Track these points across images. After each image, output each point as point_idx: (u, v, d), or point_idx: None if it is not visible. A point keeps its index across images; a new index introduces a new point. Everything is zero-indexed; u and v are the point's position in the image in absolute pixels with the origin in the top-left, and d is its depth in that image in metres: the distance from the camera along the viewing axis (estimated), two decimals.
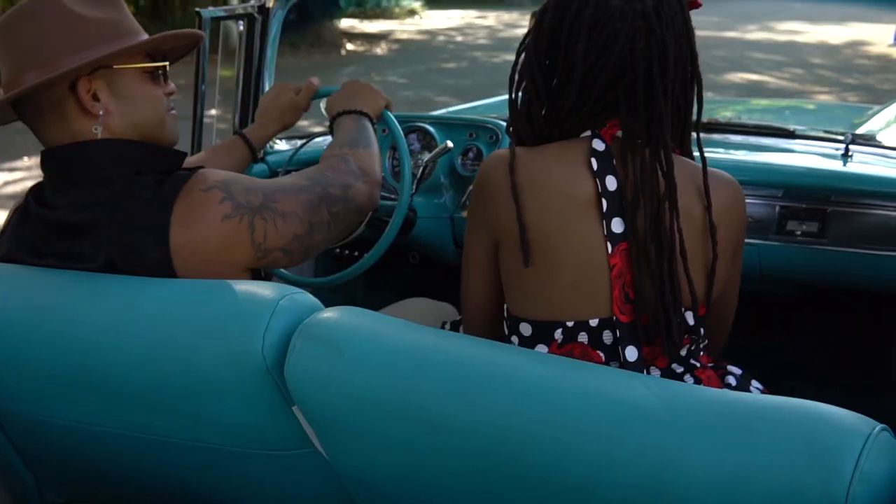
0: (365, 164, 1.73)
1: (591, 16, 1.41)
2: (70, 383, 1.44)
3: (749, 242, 2.23)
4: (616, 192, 1.43)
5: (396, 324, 1.33)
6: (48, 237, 1.51)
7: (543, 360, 1.26)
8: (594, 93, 1.44)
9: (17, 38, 1.50)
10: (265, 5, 2.50)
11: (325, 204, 1.58)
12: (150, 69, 1.56)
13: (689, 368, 1.50)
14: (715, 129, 2.63)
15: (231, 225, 1.45)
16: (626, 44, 1.41)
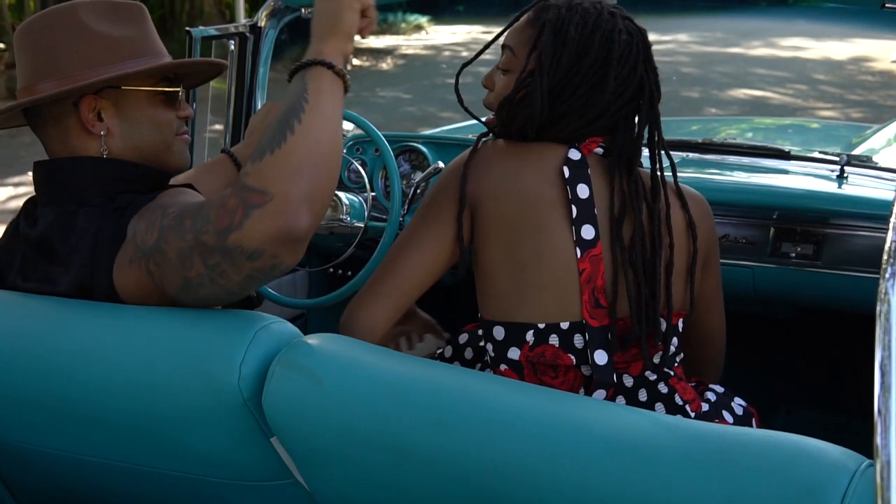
0: (274, 175, 1.24)
1: (626, 41, 1.50)
2: (49, 412, 1.42)
3: (743, 264, 2.23)
4: (587, 200, 1.48)
5: (376, 352, 1.31)
6: (30, 255, 1.50)
7: (523, 390, 1.24)
8: (610, 110, 1.51)
9: (32, 46, 1.50)
10: (257, 24, 2.49)
11: (199, 255, 1.29)
12: (162, 91, 1.54)
13: (662, 376, 1.53)
14: (710, 150, 2.61)
15: (135, 270, 1.38)
16: (642, 71, 1.51)
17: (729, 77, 12.31)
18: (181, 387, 1.29)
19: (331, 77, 1.33)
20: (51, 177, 1.50)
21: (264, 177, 1.24)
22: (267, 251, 1.24)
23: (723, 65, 13.40)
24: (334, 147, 1.30)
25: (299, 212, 1.23)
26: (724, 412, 1.60)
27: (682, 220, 1.54)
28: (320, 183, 1.26)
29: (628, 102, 1.52)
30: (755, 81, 12.21)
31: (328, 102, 1.31)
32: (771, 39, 15.73)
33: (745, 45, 15.38)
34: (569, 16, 1.50)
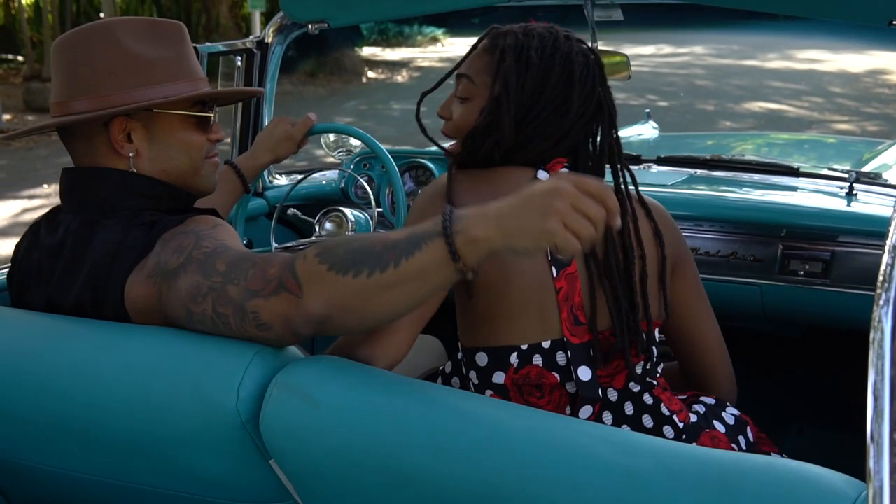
0: (320, 287, 1.22)
1: (583, 62, 1.52)
2: (48, 429, 1.41)
3: (752, 282, 2.22)
4: None
5: (374, 375, 1.30)
6: (47, 260, 1.50)
7: (522, 414, 1.22)
8: (574, 130, 1.52)
9: (68, 63, 1.50)
10: (264, 41, 2.50)
11: (214, 299, 1.29)
12: (194, 116, 1.54)
13: (646, 387, 1.53)
14: (719, 166, 2.60)
15: (148, 286, 1.38)
16: (600, 90, 1.53)
17: (744, 90, 12.29)
18: (180, 408, 1.28)
19: (446, 260, 1.17)
20: (77, 185, 1.51)
21: (312, 280, 1.23)
22: (275, 329, 1.27)
23: (738, 77, 13.39)
24: (387, 316, 1.26)
25: (310, 324, 1.25)
26: (714, 422, 1.60)
27: (648, 229, 1.55)
28: (346, 326, 1.27)
29: (589, 121, 1.53)
30: (771, 94, 12.18)
31: (422, 281, 1.20)
32: (787, 52, 15.71)
33: (761, 57, 15.36)
34: (527, 41, 1.51)
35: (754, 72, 14.05)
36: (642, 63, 15.14)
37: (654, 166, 2.68)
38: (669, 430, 1.52)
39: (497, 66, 1.51)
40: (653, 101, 11.44)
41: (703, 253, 2.27)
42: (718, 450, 1.16)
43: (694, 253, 2.27)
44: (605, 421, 1.50)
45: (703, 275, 2.24)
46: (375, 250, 1.21)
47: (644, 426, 1.51)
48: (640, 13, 2.36)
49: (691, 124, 9.89)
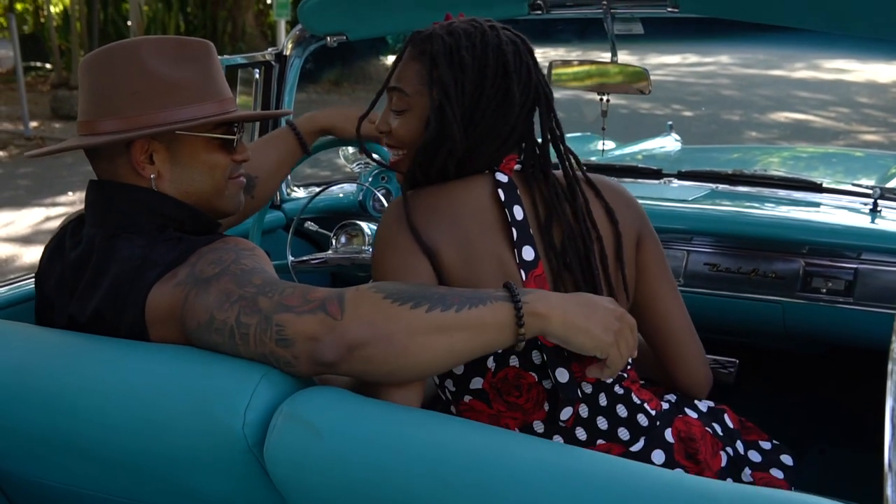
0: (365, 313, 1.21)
1: (514, 50, 1.48)
2: (56, 446, 1.41)
3: (773, 300, 2.18)
4: (523, 220, 1.47)
5: (379, 406, 1.27)
6: (69, 272, 1.50)
7: (530, 445, 1.20)
8: (519, 122, 1.49)
9: (93, 83, 1.49)
10: (282, 53, 2.49)
11: (242, 307, 1.28)
12: (218, 138, 1.53)
13: (617, 379, 1.51)
14: (741, 181, 2.57)
15: (176, 293, 1.37)
16: (536, 76, 1.50)
17: (770, 100, 12.21)
18: (186, 428, 1.27)
19: (509, 322, 1.25)
20: (100, 199, 1.50)
21: (361, 304, 1.22)
22: (296, 347, 1.23)
23: (764, 87, 13.31)
24: (425, 362, 1.23)
25: (340, 349, 1.21)
26: (686, 408, 1.58)
27: (600, 208, 1.53)
28: (376, 362, 1.22)
29: (531, 110, 1.51)
30: (797, 104, 12.10)
31: (477, 334, 1.24)
32: (814, 62, 15.61)
33: (787, 67, 15.27)
34: (455, 41, 1.47)
35: (781, 82, 13.96)
36: (667, 73, 15.09)
37: (674, 181, 2.65)
38: (643, 419, 1.51)
39: (430, 74, 1.47)
40: (678, 110, 11.39)
41: (723, 269, 2.24)
42: (720, 481, 1.13)
43: (714, 269, 2.25)
44: (582, 414, 1.48)
45: (723, 292, 2.24)
46: (440, 291, 1.25)
47: (619, 415, 1.49)
48: (664, 23, 2.33)
49: (716, 135, 9.83)
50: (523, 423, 1.48)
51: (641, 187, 2.57)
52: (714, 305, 2.25)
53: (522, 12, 2.24)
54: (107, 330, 1.43)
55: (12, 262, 5.96)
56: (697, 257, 2.27)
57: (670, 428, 1.52)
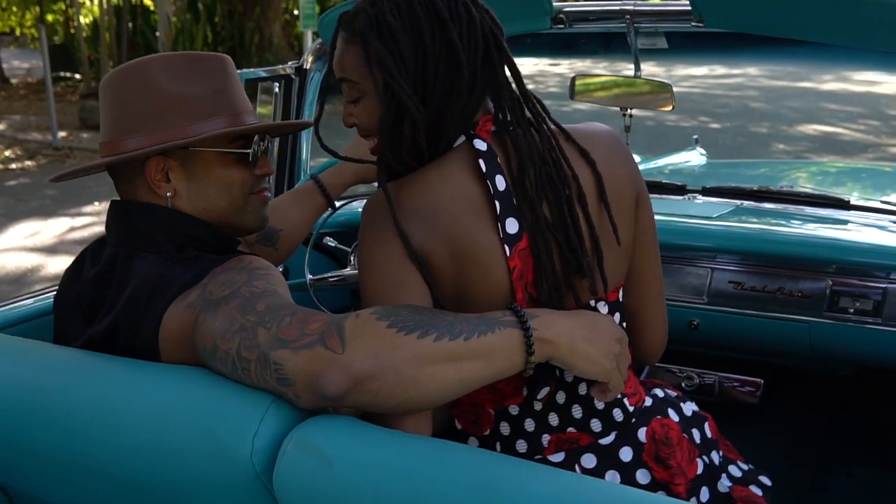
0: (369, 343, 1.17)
1: (444, 2, 1.36)
2: (66, 466, 1.39)
3: (799, 319, 2.14)
4: (506, 191, 1.36)
5: (391, 435, 1.25)
6: (86, 292, 1.49)
7: (548, 478, 1.17)
8: (477, 71, 1.37)
9: (108, 103, 1.50)
10: (303, 66, 2.48)
11: (241, 339, 1.24)
12: (233, 152, 1.50)
13: None
14: (766, 198, 2.53)
15: (187, 314, 1.35)
16: (479, 14, 1.38)
17: (799, 112, 12.12)
18: (195, 454, 1.25)
19: (518, 349, 1.23)
20: (121, 219, 1.50)
21: (363, 335, 1.17)
22: (297, 386, 1.19)
23: (793, 99, 13.21)
24: (434, 393, 1.19)
25: (345, 383, 1.16)
26: (669, 410, 1.53)
27: (576, 155, 1.42)
28: (383, 394, 1.17)
29: (486, 54, 1.37)
30: (826, 117, 12.00)
31: (486, 363, 1.21)
32: (843, 74, 15.48)
33: (816, 79, 15.15)
34: (377, 9, 1.36)
35: (809, 94, 13.85)
36: (694, 84, 15.01)
37: (699, 197, 2.61)
38: (619, 413, 1.47)
39: (365, 53, 1.36)
40: (704, 123, 11.33)
41: (748, 288, 2.20)
42: None
43: (739, 287, 2.20)
44: (559, 400, 1.43)
45: (748, 311, 2.19)
46: (447, 318, 1.20)
47: (595, 406, 1.45)
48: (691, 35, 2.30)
49: (744, 147, 9.76)
50: (500, 406, 1.44)
51: (665, 203, 2.54)
52: (739, 325, 2.21)
53: (544, 26, 2.22)
54: (121, 347, 1.42)
55: (37, 272, 5.99)
56: (722, 275, 2.23)
57: (646, 427, 1.48)
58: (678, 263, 2.27)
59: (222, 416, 1.24)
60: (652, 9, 2.20)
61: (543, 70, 17.64)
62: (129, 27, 16.85)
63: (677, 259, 2.27)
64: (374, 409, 1.20)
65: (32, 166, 10.23)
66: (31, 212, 7.75)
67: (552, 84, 16.02)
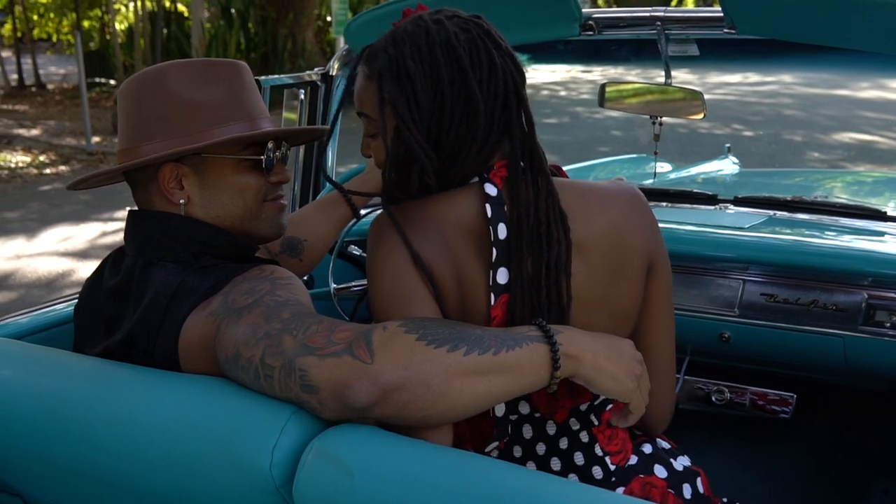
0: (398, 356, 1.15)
1: (467, 39, 1.34)
2: (85, 477, 1.39)
3: (833, 333, 2.09)
4: (505, 241, 1.34)
5: (413, 445, 1.22)
6: (105, 302, 1.49)
7: (568, 489, 1.14)
8: (494, 118, 1.34)
9: (125, 111, 1.50)
10: (328, 73, 2.46)
11: (265, 346, 1.22)
12: (247, 159, 1.49)
13: (586, 425, 1.43)
14: (799, 208, 2.47)
15: (209, 323, 1.34)
16: (502, 61, 1.35)
17: (834, 120, 11.99)
18: (213, 465, 1.23)
19: (545, 364, 1.22)
20: (138, 228, 1.49)
21: (392, 347, 1.16)
22: (322, 394, 1.17)
23: (828, 107, 13.07)
24: (462, 406, 1.18)
25: (374, 394, 1.14)
26: (656, 465, 1.48)
27: (589, 233, 1.37)
28: (412, 407, 1.15)
29: (505, 98, 1.35)
30: (862, 125, 11.87)
31: (514, 377, 1.20)
32: (880, 81, 15.33)
33: (852, 86, 15.02)
34: (398, 51, 1.33)
35: (845, 101, 13.71)
36: (728, 92, 14.91)
37: (730, 207, 2.56)
38: (598, 471, 1.43)
39: (379, 94, 1.35)
40: (738, 130, 11.24)
41: (781, 300, 2.15)
42: None
43: (771, 299, 2.15)
44: (539, 451, 1.41)
45: (780, 324, 2.14)
46: (476, 333, 1.19)
47: (575, 463, 1.42)
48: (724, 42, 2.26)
49: (778, 155, 9.67)
50: (480, 447, 1.41)
51: (696, 213, 2.50)
52: (771, 338, 2.16)
53: (574, 33, 2.18)
54: (139, 356, 1.41)
55: (68, 277, 6.03)
56: (754, 287, 2.18)
57: (624, 488, 1.44)
58: (709, 275, 2.23)
59: (241, 428, 1.23)
60: (683, 15, 2.16)
61: (576, 77, 17.62)
62: (164, 33, 16.99)
63: (708, 270, 2.23)
64: (398, 421, 1.18)
65: (66, 171, 10.32)
66: (63, 216, 7.81)
67: (584, 91, 15.98)
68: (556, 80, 17.43)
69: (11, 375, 1.49)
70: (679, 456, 1.56)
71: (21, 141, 11.92)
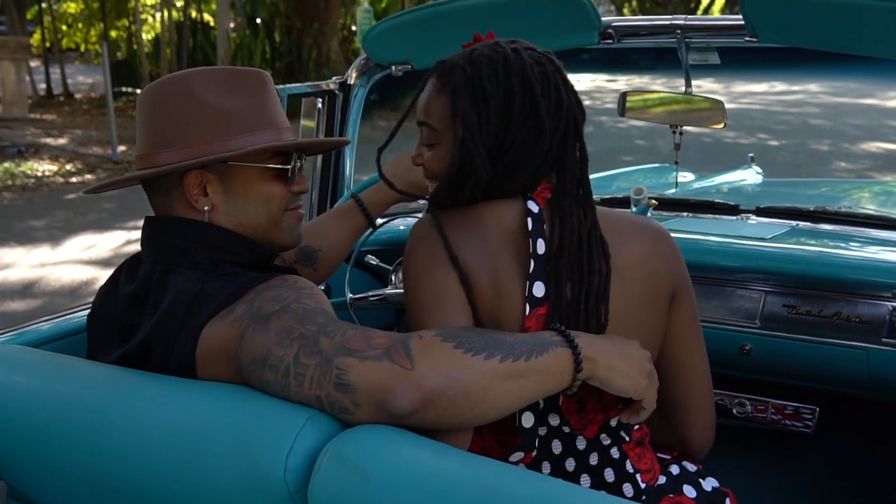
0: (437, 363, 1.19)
1: (540, 72, 1.42)
2: (99, 485, 1.39)
3: (857, 346, 2.06)
4: (543, 255, 1.40)
5: (429, 447, 1.21)
6: (121, 309, 1.48)
7: (587, 497, 1.12)
8: (553, 147, 1.42)
9: (147, 116, 1.49)
10: (346, 82, 2.45)
11: (301, 346, 1.25)
12: (272, 168, 1.50)
13: (617, 441, 1.46)
14: (823, 219, 2.44)
15: (232, 329, 1.34)
16: (567, 97, 1.43)
17: (861, 129, 11.90)
18: (227, 473, 1.23)
19: (569, 368, 1.29)
20: (155, 234, 1.49)
21: (432, 355, 1.20)
22: (358, 394, 1.19)
23: (855, 116, 12.98)
24: (499, 408, 1.24)
25: (416, 399, 1.18)
26: (685, 486, 1.50)
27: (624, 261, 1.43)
28: (452, 411, 1.19)
29: (564, 133, 1.42)
30: (890, 134, 11.77)
31: (543, 380, 1.26)
32: None
33: (880, 95, 14.89)
34: (477, 71, 1.41)
35: (873, 111, 13.59)
36: (753, 101, 14.83)
37: (753, 217, 2.53)
38: (629, 489, 1.44)
39: (453, 107, 1.42)
40: (763, 140, 11.17)
41: (803, 312, 2.12)
42: None
43: (793, 311, 2.12)
44: (568, 468, 1.43)
45: (802, 336, 2.11)
46: (508, 340, 1.25)
47: (605, 480, 1.44)
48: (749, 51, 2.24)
49: (804, 165, 9.60)
50: (506, 459, 1.40)
51: (717, 224, 2.47)
52: (792, 350, 2.13)
53: (592, 42, 2.17)
54: (155, 363, 1.41)
55: (91, 285, 6.06)
56: (775, 299, 2.15)
57: None
58: (730, 286, 2.20)
59: (256, 435, 1.23)
60: (703, 23, 2.14)
61: (600, 86, 17.56)
62: (190, 43, 17.11)
63: (729, 281, 2.20)
64: (433, 427, 1.21)
65: (92, 180, 10.39)
66: (88, 225, 7.85)
67: (609, 100, 15.91)
68: (581, 90, 17.35)
69: (27, 383, 1.50)
70: (707, 477, 1.56)
71: (48, 150, 12.01)
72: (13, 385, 1.49)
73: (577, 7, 2.10)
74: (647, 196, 2.40)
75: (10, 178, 10.10)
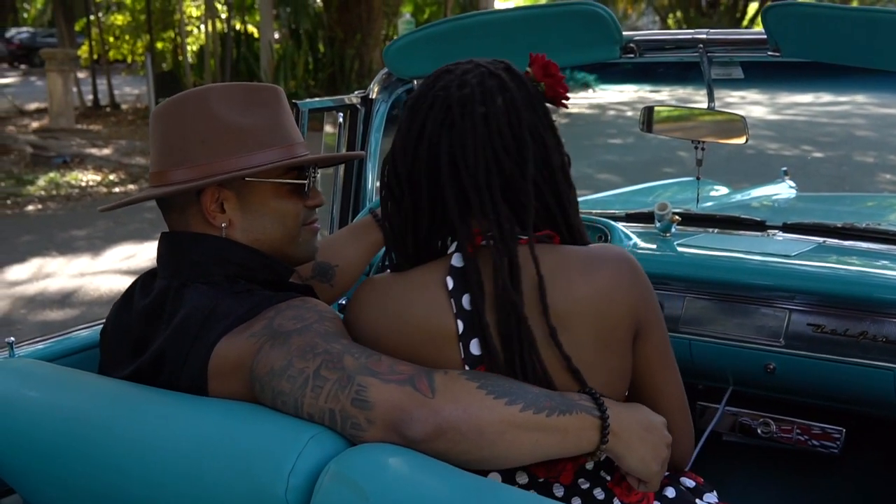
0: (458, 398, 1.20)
1: (441, 106, 1.33)
2: (101, 500, 1.39)
3: (883, 366, 2.01)
4: (472, 310, 1.32)
5: (431, 470, 1.20)
6: (135, 323, 1.49)
7: None
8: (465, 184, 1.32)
9: (162, 132, 1.50)
10: (368, 96, 2.45)
11: (324, 360, 1.26)
12: (289, 183, 1.50)
13: (597, 482, 1.37)
14: (851, 236, 2.39)
15: (249, 344, 1.34)
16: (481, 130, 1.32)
17: None
18: (229, 490, 1.24)
19: (594, 436, 1.26)
20: (173, 250, 1.50)
21: (453, 390, 1.21)
22: (375, 412, 1.20)
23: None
24: (507, 459, 1.23)
25: (428, 427, 1.19)
26: None
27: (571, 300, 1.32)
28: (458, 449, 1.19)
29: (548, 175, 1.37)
30: None
31: (561, 440, 1.24)
32: None
33: None
34: None
35: None
36: (798, 112, 14.66)
37: (779, 234, 2.49)
38: None
39: None
40: (807, 151, 11.02)
41: (828, 331, 2.07)
42: None
43: (818, 330, 2.07)
44: (556, 493, 1.36)
45: (828, 355, 2.07)
46: (533, 391, 1.23)
47: (595, 498, 1.37)
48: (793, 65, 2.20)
49: (848, 177, 9.45)
50: None
51: (742, 240, 2.43)
52: (818, 370, 2.08)
53: (614, 56, 2.15)
54: (167, 376, 1.41)
55: None
56: (800, 317, 2.11)
57: None
58: (754, 304, 2.16)
59: (259, 453, 1.23)
60: (726, 38, 2.11)
61: (643, 97, 17.45)
62: (233, 54, 17.26)
63: (753, 299, 2.16)
64: (442, 458, 1.20)
65: (134, 190, 10.50)
66: (128, 235, 7.93)
67: None
68: (622, 101, 17.31)
69: (37, 397, 1.50)
70: (706, 493, 1.51)
71: (92, 160, 12.16)
72: (25, 399, 1.50)
73: (599, 22, 2.08)
74: (671, 211, 2.36)
75: (54, 188, 10.23)
